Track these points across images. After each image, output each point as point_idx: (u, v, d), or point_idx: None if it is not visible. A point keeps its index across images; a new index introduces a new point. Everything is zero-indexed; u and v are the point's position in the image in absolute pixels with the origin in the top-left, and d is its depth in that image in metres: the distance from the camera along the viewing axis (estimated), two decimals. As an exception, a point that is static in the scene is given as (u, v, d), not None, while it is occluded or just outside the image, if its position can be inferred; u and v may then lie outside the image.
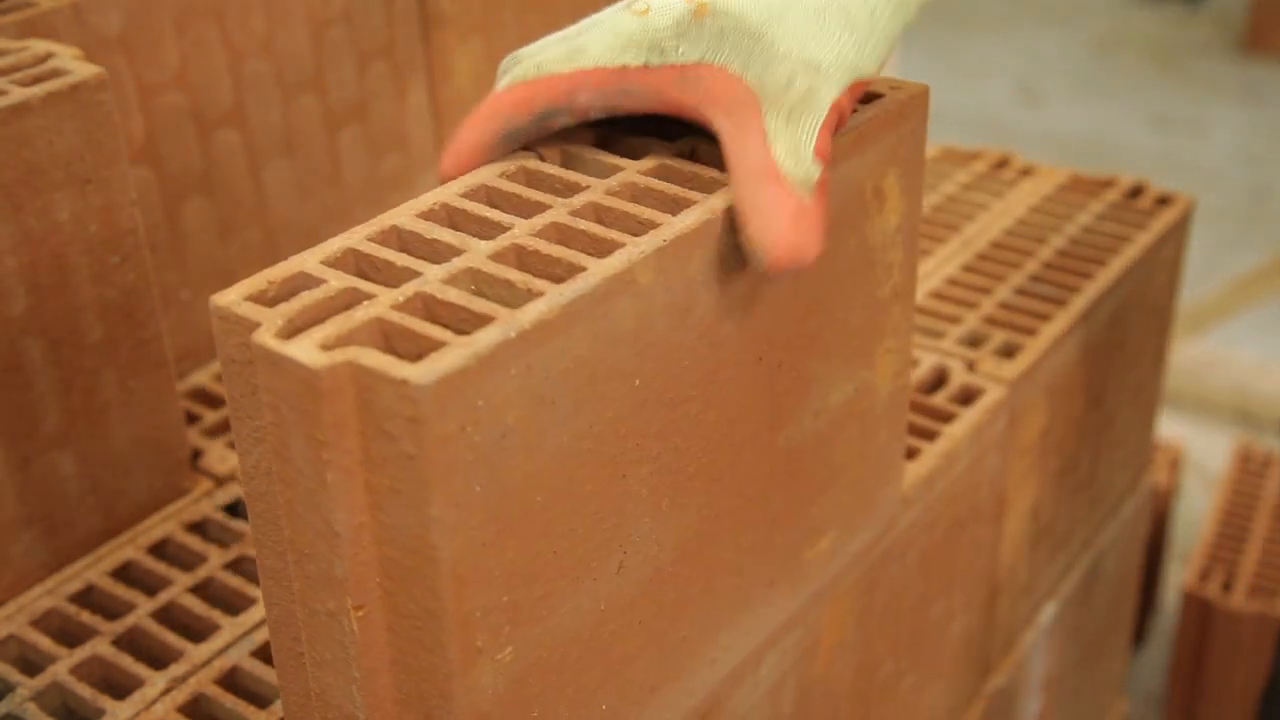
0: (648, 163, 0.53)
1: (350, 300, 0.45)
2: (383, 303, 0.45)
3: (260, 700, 0.66)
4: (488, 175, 0.52)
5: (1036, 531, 0.96)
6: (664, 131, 0.56)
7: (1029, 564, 0.96)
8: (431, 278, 0.46)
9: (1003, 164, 1.15)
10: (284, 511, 0.46)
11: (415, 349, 0.43)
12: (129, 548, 0.75)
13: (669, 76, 0.52)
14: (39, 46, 0.71)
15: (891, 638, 0.78)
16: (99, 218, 0.70)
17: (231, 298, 0.45)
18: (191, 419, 0.85)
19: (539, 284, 0.45)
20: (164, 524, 0.76)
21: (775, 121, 0.51)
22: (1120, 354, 1.01)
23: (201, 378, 0.89)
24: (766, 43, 0.52)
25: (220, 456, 0.82)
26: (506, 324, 0.43)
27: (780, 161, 0.50)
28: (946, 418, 0.82)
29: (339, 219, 0.97)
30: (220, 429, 0.85)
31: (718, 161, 0.53)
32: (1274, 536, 1.51)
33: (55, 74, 0.68)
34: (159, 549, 0.75)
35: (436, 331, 0.43)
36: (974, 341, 0.91)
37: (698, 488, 0.54)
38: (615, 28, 0.53)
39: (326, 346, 0.42)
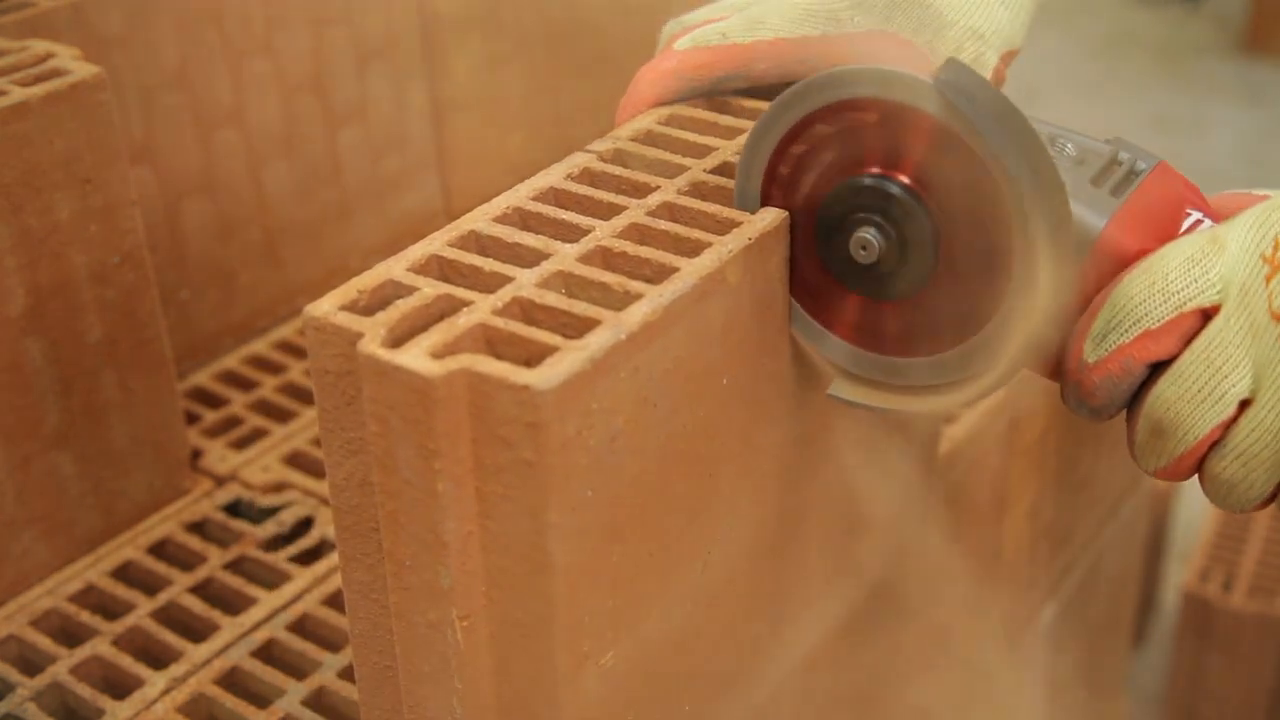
0: (710, 160, 0.53)
1: (446, 307, 0.45)
2: (483, 309, 0.44)
3: (260, 700, 0.66)
4: (554, 178, 0.52)
5: (1036, 531, 0.96)
6: None
7: (1029, 564, 0.96)
8: (525, 282, 0.46)
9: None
10: (385, 524, 0.45)
11: (522, 354, 0.43)
12: (129, 548, 0.75)
13: (845, 45, 0.56)
14: (39, 46, 0.71)
15: (892, 639, 0.78)
16: (99, 218, 0.70)
17: (325, 308, 0.44)
18: (191, 419, 0.85)
19: (635, 285, 0.45)
20: (164, 524, 0.76)
21: None
22: (1120, 354, 1.01)
23: (201, 378, 0.89)
24: (935, 11, 0.55)
25: (220, 456, 0.82)
26: (616, 326, 0.43)
27: None
28: (947, 418, 0.82)
29: (339, 219, 0.97)
30: (220, 429, 0.85)
31: None
32: (1274, 536, 1.51)
33: (55, 74, 0.68)
34: (159, 549, 0.75)
35: (544, 336, 0.43)
36: (974, 341, 0.91)
37: (771, 484, 0.55)
38: (793, 0, 0.56)
39: (437, 355, 0.42)
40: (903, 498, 0.72)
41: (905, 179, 0.47)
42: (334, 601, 0.71)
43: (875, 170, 0.48)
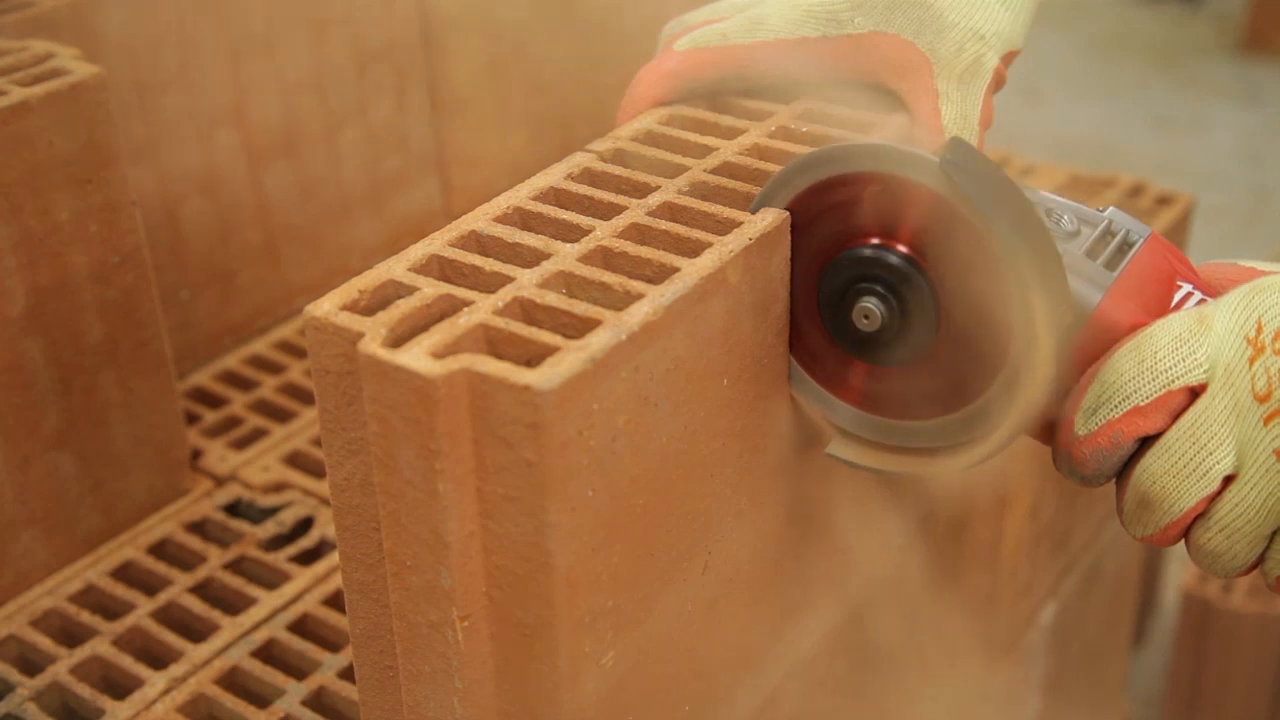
0: (711, 160, 0.53)
1: (447, 307, 0.45)
2: (483, 309, 0.44)
3: (260, 700, 0.66)
4: (554, 178, 0.52)
5: (1036, 531, 0.96)
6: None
7: (1029, 564, 0.96)
8: (525, 282, 0.46)
9: (1002, 164, 1.15)
10: (386, 524, 0.45)
11: (522, 354, 0.43)
12: (129, 548, 0.75)
13: (845, 46, 0.56)
14: (39, 46, 0.71)
15: (892, 640, 0.78)
16: (99, 218, 0.70)
17: (326, 308, 0.44)
18: (191, 419, 0.85)
19: (636, 285, 0.45)
20: (164, 524, 0.76)
21: (946, 84, 0.55)
22: (1120, 354, 1.01)
23: (201, 378, 0.89)
24: (936, 12, 0.56)
25: (220, 456, 0.82)
26: (616, 327, 0.43)
27: (948, 127, 0.55)
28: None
29: (339, 219, 0.97)
30: (220, 429, 0.85)
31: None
32: (1274, 536, 1.50)
33: (55, 74, 0.68)
34: (159, 549, 0.75)
35: (545, 336, 0.43)
36: (974, 341, 0.91)
37: (771, 485, 0.55)
38: (794, 1, 0.57)
39: (437, 355, 0.42)
40: (903, 500, 0.72)
41: (907, 251, 0.49)
42: (334, 601, 0.71)
43: (877, 241, 0.49)
